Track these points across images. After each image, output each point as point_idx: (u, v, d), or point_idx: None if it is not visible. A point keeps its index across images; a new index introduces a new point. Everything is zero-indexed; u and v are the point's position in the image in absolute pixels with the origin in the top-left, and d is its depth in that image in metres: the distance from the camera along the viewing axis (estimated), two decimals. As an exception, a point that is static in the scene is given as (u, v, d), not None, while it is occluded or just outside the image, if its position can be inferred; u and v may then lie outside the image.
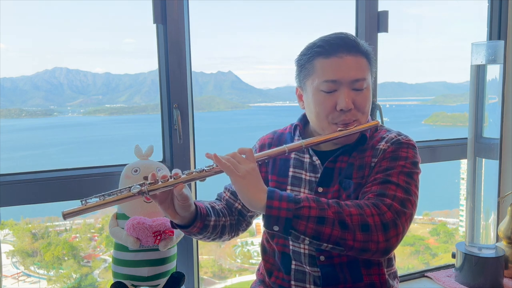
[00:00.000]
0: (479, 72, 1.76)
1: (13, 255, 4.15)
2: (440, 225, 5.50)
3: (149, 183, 0.97)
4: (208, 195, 1.36)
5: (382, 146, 1.13)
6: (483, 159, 1.78)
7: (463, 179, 3.96)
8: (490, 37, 2.19)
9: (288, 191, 1.16)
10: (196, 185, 1.71)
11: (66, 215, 0.92)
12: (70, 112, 7.93)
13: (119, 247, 1.42)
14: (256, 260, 5.04)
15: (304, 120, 1.26)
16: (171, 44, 1.59)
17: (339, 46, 1.10)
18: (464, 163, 2.96)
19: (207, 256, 5.12)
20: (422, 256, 5.13)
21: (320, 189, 1.15)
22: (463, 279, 1.79)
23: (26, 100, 7.56)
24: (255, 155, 1.03)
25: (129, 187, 0.97)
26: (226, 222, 1.19)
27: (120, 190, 0.97)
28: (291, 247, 1.19)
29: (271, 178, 1.23)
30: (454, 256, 1.86)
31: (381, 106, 1.88)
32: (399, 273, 1.63)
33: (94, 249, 4.43)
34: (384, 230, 0.97)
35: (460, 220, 4.87)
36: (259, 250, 1.31)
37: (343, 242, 0.96)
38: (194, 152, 1.68)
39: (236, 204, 1.24)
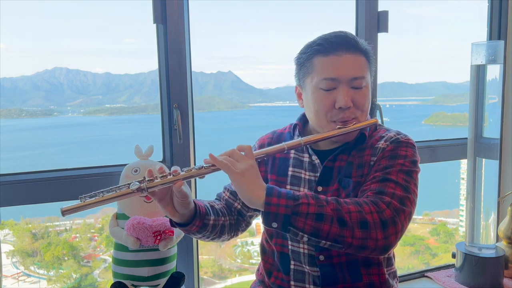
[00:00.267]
0: (479, 72, 1.76)
1: (13, 255, 4.14)
2: (440, 225, 5.50)
3: (148, 180, 0.97)
4: (208, 195, 1.36)
5: (382, 145, 1.13)
6: (483, 159, 1.78)
7: (463, 179, 3.96)
8: (490, 37, 2.19)
9: None
10: (196, 185, 1.71)
11: (65, 212, 0.92)
12: (70, 112, 7.91)
13: (119, 247, 1.42)
14: (256, 260, 5.04)
15: (303, 119, 1.26)
16: (171, 44, 1.59)
17: (338, 44, 1.10)
18: (464, 163, 2.96)
19: (207, 256, 5.12)
20: (422, 256, 5.12)
21: (320, 188, 1.16)
22: (463, 279, 1.79)
23: (26, 100, 7.55)
24: (254, 152, 1.03)
25: (128, 184, 0.96)
26: (226, 221, 1.19)
27: (119, 186, 0.97)
28: (290, 247, 1.19)
29: (271, 177, 1.23)
30: (454, 256, 1.86)
31: (381, 106, 1.88)
32: (399, 273, 1.63)
33: (94, 249, 4.43)
34: (383, 228, 0.97)
35: (460, 220, 4.87)
36: (259, 250, 1.31)
37: (341, 239, 0.96)
38: (194, 152, 1.68)
39: (236, 204, 1.24)
